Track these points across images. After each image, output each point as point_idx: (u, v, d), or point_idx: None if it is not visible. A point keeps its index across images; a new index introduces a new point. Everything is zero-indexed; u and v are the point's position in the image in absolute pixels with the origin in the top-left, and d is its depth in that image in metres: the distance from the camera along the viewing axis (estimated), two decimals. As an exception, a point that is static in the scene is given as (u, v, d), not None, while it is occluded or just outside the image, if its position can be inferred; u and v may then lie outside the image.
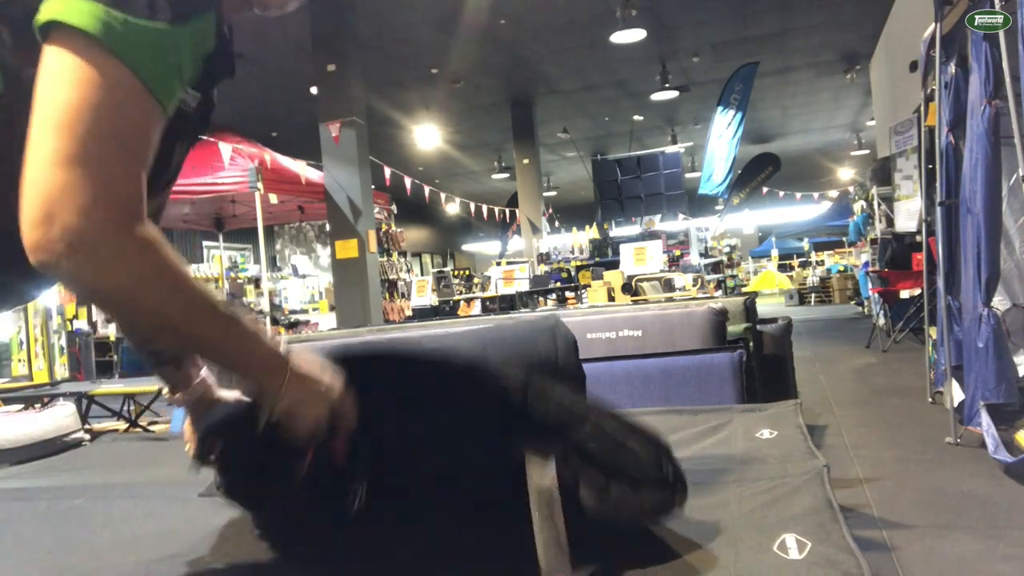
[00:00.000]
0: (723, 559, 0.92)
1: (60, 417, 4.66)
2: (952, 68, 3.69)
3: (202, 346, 0.89)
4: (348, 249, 7.75)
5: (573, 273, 10.45)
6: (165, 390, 1.16)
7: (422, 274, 16.81)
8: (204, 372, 1.15)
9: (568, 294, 9.42)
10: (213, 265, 12.96)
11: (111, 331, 9.88)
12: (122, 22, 0.72)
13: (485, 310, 9.89)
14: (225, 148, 7.19)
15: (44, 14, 0.72)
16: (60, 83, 0.71)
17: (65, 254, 0.69)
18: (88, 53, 0.71)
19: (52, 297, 8.99)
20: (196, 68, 0.81)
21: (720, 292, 10.21)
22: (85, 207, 0.69)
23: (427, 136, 14.29)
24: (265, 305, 8.26)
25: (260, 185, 7.31)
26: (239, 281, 11.16)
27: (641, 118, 15.25)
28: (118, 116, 0.72)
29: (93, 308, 10.58)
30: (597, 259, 10.94)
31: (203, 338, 0.85)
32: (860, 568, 0.81)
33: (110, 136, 0.72)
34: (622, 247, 8.80)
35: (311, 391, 0.92)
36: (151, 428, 5.41)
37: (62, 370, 8.74)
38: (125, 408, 5.75)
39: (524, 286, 9.88)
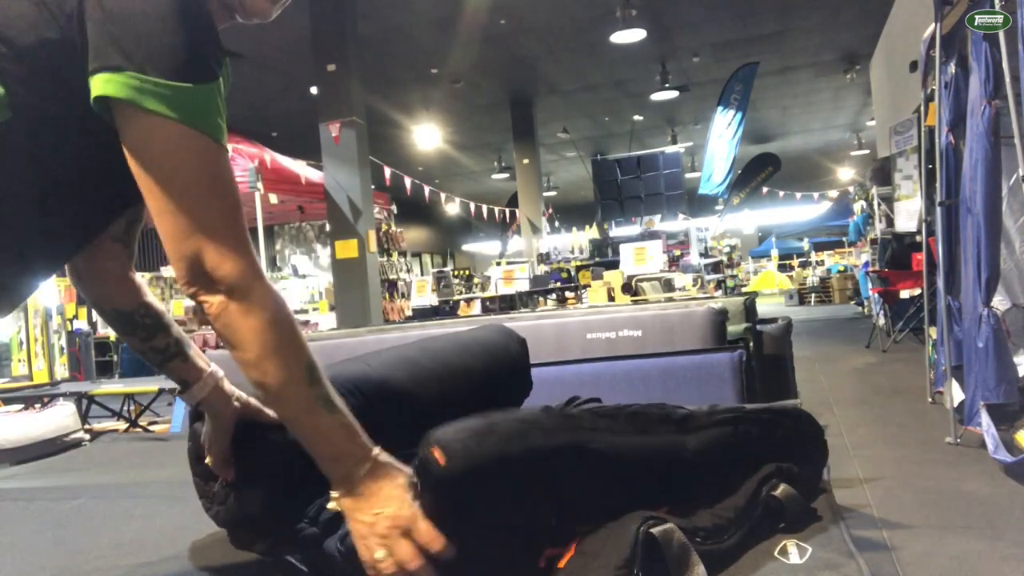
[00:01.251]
0: (725, 565, 0.92)
1: (60, 417, 4.66)
2: (952, 68, 3.69)
3: (294, 409, 0.91)
4: (348, 249, 7.75)
5: (573, 273, 10.44)
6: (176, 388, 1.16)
7: (422, 274, 16.80)
8: (213, 366, 1.15)
9: (568, 294, 9.41)
10: (213, 265, 12.94)
11: (111, 331, 9.86)
12: (186, 92, 0.82)
13: (485, 310, 9.89)
14: (225, 148, 7.19)
15: (114, 91, 0.80)
16: (163, 163, 0.83)
17: (225, 304, 0.86)
18: (170, 130, 0.82)
19: (52, 297, 8.99)
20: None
21: (720, 292, 10.21)
22: (237, 263, 0.87)
23: (427, 136, 14.29)
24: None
25: (260, 185, 7.31)
26: (239, 281, 11.14)
27: (641, 118, 15.25)
28: (218, 177, 0.88)
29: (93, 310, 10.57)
30: (597, 259, 10.92)
31: (300, 396, 0.90)
32: (861, 572, 0.81)
33: (222, 195, 0.87)
34: (622, 247, 8.78)
35: (378, 503, 0.89)
36: (151, 428, 5.41)
37: (62, 370, 8.74)
38: (125, 408, 5.75)
39: (524, 286, 9.87)
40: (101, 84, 0.79)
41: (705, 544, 0.88)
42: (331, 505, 0.91)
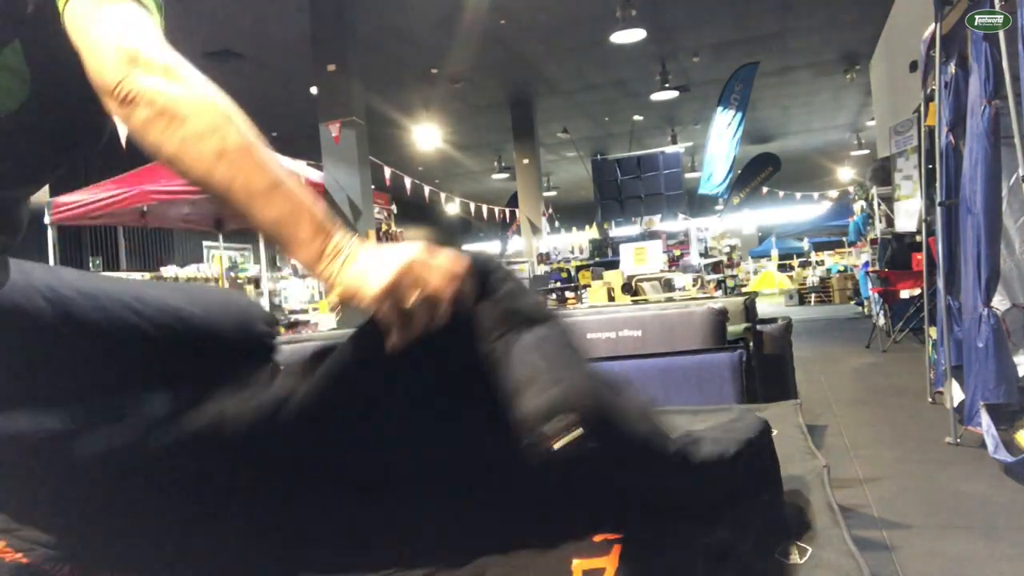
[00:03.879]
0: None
1: (60, 417, 4.65)
2: (952, 68, 3.69)
3: (268, 176, 0.82)
4: (348, 249, 7.75)
5: (573, 273, 10.44)
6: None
7: (422, 274, 16.76)
8: None
9: (568, 294, 9.41)
10: (213, 265, 12.96)
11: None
12: None
13: (485, 310, 9.89)
14: (225, 148, 7.19)
15: None
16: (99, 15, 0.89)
17: (165, 83, 0.85)
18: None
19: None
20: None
21: (720, 292, 10.19)
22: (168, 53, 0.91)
23: (427, 136, 14.29)
24: (265, 305, 8.27)
25: (260, 185, 7.31)
26: (239, 281, 11.16)
27: (641, 118, 15.25)
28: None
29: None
30: (597, 259, 10.93)
31: (232, 143, 0.82)
32: (861, 572, 0.81)
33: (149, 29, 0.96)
34: (622, 247, 8.77)
35: (385, 255, 0.82)
36: (151, 428, 5.40)
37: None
38: (125, 408, 5.75)
39: (524, 286, 9.86)
40: None
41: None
42: (331, 299, 0.84)
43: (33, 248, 9.22)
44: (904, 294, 7.80)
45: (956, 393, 3.63)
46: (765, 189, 18.03)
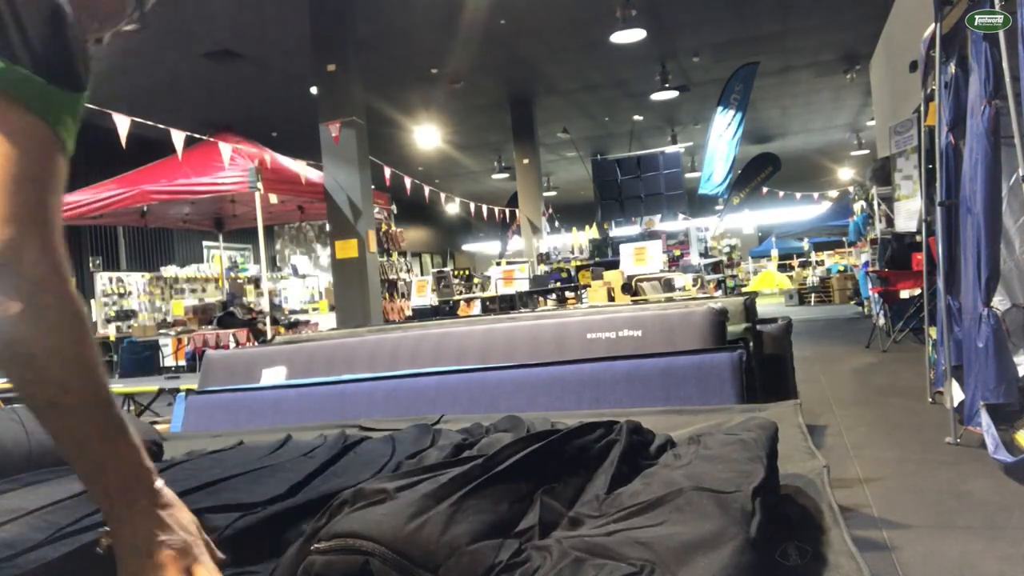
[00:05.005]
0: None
1: (60, 417, 4.65)
2: (952, 68, 3.69)
3: (65, 409, 0.75)
4: (348, 249, 7.75)
5: (573, 273, 10.44)
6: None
7: (422, 274, 16.81)
8: None
9: (568, 294, 9.41)
10: (213, 265, 12.97)
11: (111, 331, 9.88)
12: (52, 92, 0.80)
13: (485, 310, 9.89)
14: (225, 148, 7.19)
15: None
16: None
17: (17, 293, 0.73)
18: (23, 119, 0.78)
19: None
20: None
21: (720, 292, 10.20)
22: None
23: (427, 136, 14.29)
24: (265, 305, 8.27)
25: (260, 185, 7.32)
26: (239, 281, 11.16)
27: (641, 118, 15.25)
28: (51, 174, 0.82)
29: (93, 308, 10.59)
30: (597, 259, 10.92)
31: (72, 397, 0.75)
32: (861, 572, 0.81)
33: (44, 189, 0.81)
34: (622, 247, 8.78)
35: (156, 545, 0.75)
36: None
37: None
38: (125, 408, 5.75)
39: (524, 286, 9.87)
40: None
41: None
42: (103, 541, 0.79)
43: (33, 248, 9.27)
44: (904, 294, 7.81)
45: (956, 393, 3.63)
46: (765, 189, 18.03)
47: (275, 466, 1.12)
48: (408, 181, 11.29)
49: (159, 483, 0.80)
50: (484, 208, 15.65)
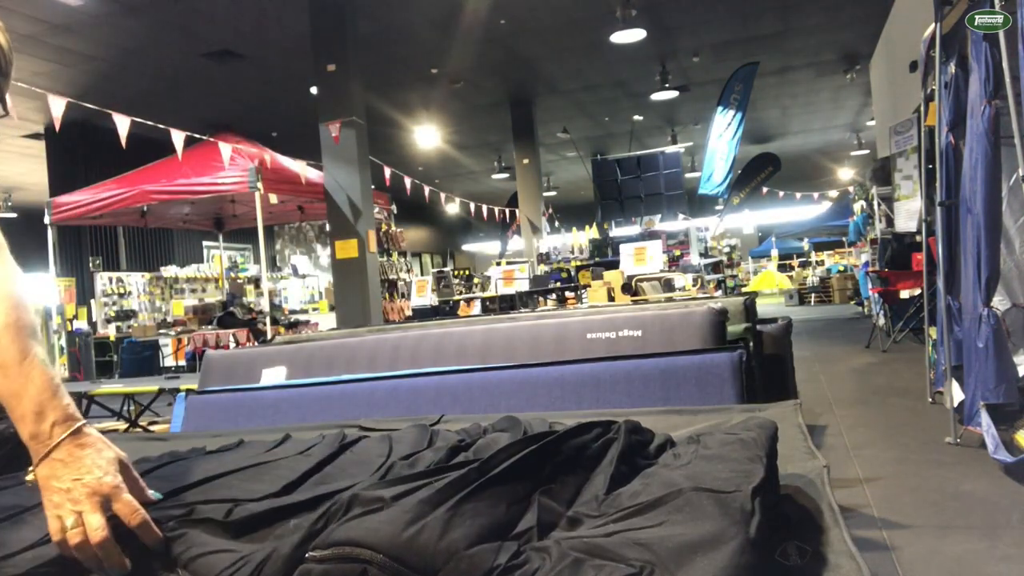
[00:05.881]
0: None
1: (60, 417, 4.65)
2: (952, 68, 3.69)
3: (9, 353, 0.85)
4: (348, 249, 7.75)
5: (573, 273, 10.45)
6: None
7: (422, 274, 16.82)
8: None
9: (568, 294, 9.41)
10: (213, 265, 12.96)
11: (111, 331, 9.88)
12: None
13: (485, 310, 9.89)
14: (225, 148, 7.19)
15: None
16: None
17: None
18: None
19: (52, 297, 8.98)
20: None
21: (720, 292, 10.20)
22: None
23: (427, 136, 14.29)
24: (265, 305, 8.26)
25: (260, 185, 7.32)
26: (239, 281, 11.16)
27: (641, 118, 15.25)
28: None
29: (93, 308, 10.59)
30: (597, 259, 10.92)
31: None
32: (861, 572, 0.81)
33: None
34: (622, 247, 8.78)
35: (77, 470, 0.81)
36: (151, 428, 5.41)
37: (62, 370, 8.74)
38: (125, 408, 5.76)
39: (524, 286, 9.87)
40: None
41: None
42: (28, 478, 0.83)
43: (33, 248, 9.22)
44: (904, 294, 7.81)
45: (956, 393, 3.62)
46: (765, 189, 18.03)
47: (271, 463, 1.12)
48: (408, 181, 11.30)
49: (80, 423, 0.85)
50: (484, 208, 15.65)
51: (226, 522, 0.84)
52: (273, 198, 7.74)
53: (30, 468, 0.84)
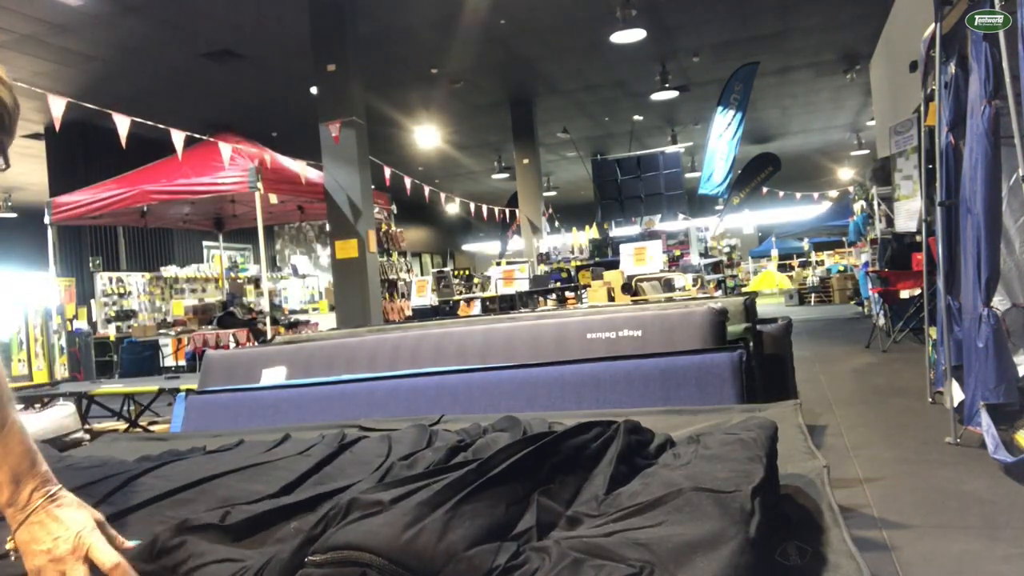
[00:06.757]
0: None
1: (60, 417, 4.66)
2: (952, 68, 3.69)
3: None
4: (348, 249, 7.75)
5: (573, 273, 10.44)
6: None
7: (422, 274, 16.82)
8: None
9: (568, 294, 9.41)
10: (213, 265, 12.97)
11: (111, 331, 9.88)
12: None
13: (485, 310, 9.89)
14: (225, 148, 7.19)
15: None
16: None
17: None
18: None
19: (52, 297, 8.98)
20: None
21: (720, 292, 10.20)
22: None
23: (427, 136, 14.29)
24: (265, 305, 8.26)
25: (260, 185, 7.31)
26: (239, 281, 11.16)
27: (641, 118, 15.25)
28: None
29: (93, 308, 10.59)
30: (597, 259, 10.92)
31: None
32: (861, 572, 0.81)
33: None
34: (622, 247, 8.78)
35: (46, 537, 0.81)
36: (151, 428, 5.41)
37: (62, 370, 8.73)
38: (125, 408, 5.76)
39: (524, 286, 9.87)
40: None
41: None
42: (8, 546, 0.84)
43: (33, 248, 9.21)
44: (904, 294, 7.81)
45: (956, 393, 3.62)
46: (765, 189, 18.03)
47: (270, 463, 1.12)
48: (408, 181, 11.29)
49: (57, 487, 0.86)
50: (484, 208, 15.65)
51: (225, 526, 0.84)
52: (273, 198, 7.73)
53: (9, 538, 0.84)
